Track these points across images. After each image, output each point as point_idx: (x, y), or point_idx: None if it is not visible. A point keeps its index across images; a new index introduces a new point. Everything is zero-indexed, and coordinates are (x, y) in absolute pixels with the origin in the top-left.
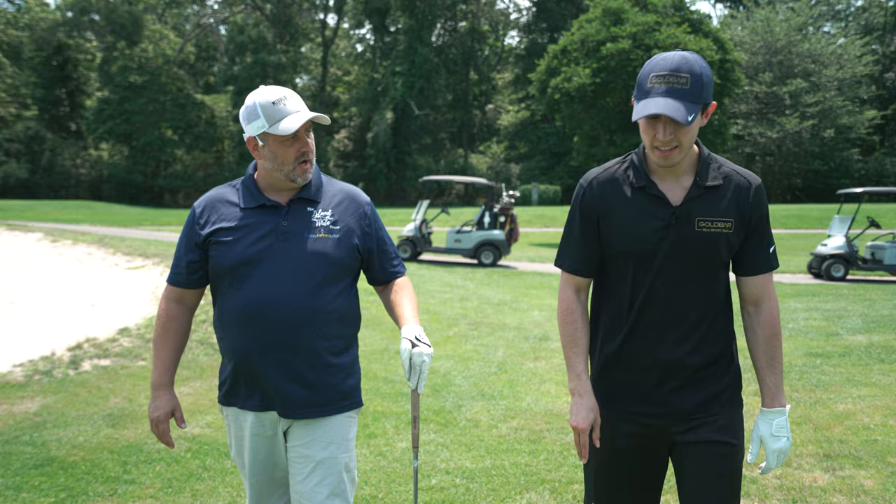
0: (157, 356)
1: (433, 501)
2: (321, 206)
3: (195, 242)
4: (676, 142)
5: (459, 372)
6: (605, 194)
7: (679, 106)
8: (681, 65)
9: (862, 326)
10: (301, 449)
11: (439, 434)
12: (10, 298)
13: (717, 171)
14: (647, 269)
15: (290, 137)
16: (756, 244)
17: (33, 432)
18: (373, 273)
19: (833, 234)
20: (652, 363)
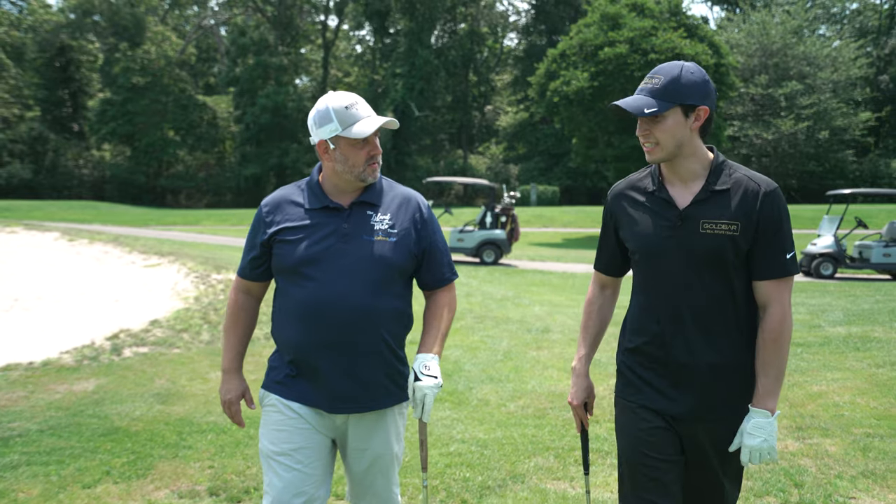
0: (227, 343)
1: (452, 464)
2: (381, 210)
3: (260, 241)
4: (654, 139)
5: (468, 360)
6: (621, 202)
7: (640, 100)
8: (660, 68)
9: (843, 319)
10: (358, 442)
11: (454, 411)
12: (36, 294)
13: (729, 176)
14: (656, 269)
15: (362, 140)
16: (766, 248)
17: (95, 407)
18: (422, 276)
19: (822, 234)
20: (664, 362)
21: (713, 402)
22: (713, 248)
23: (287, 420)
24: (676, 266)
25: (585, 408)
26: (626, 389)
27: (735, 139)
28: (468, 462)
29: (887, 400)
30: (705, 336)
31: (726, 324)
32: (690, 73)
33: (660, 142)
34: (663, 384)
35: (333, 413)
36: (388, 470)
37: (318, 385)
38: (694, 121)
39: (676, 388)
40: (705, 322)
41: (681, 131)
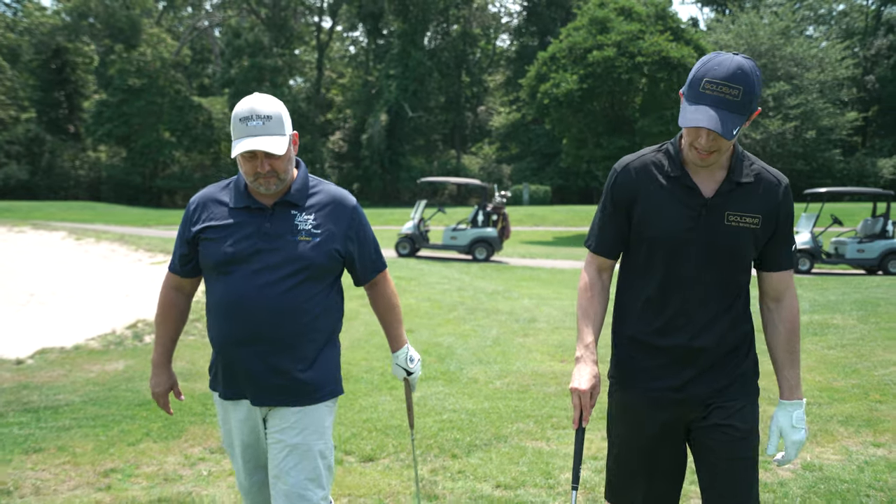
0: (157, 338)
1: (444, 428)
2: (305, 210)
3: (186, 238)
4: (716, 147)
5: (460, 345)
6: (639, 180)
7: (726, 120)
8: (735, 75)
9: (808, 309)
10: (277, 434)
11: (446, 387)
12: (50, 290)
13: (749, 168)
14: (674, 257)
15: (249, 154)
16: (781, 241)
17: (126, 383)
18: (354, 273)
19: (800, 231)
20: (674, 349)
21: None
22: (735, 241)
23: (227, 416)
24: (694, 256)
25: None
26: (630, 381)
27: None
28: (458, 426)
29: (831, 375)
30: (712, 323)
31: (734, 310)
32: (758, 77)
33: (720, 149)
34: (669, 372)
35: (257, 405)
36: (304, 463)
37: (241, 380)
38: (747, 122)
39: (682, 375)
40: (713, 312)
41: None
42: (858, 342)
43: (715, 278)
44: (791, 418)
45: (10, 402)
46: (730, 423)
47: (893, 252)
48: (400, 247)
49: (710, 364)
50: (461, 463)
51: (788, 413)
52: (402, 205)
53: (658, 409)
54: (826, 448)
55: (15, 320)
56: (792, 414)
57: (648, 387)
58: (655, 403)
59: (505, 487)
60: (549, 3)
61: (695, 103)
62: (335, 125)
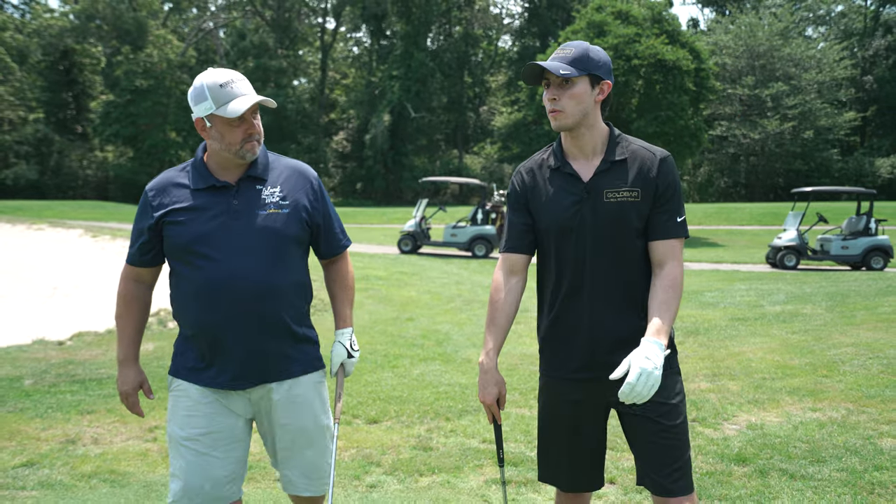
0: (121, 333)
1: (440, 398)
2: (269, 184)
3: (148, 225)
4: (561, 105)
5: (456, 332)
6: (529, 180)
7: (556, 63)
8: (570, 43)
9: (782, 300)
10: (281, 418)
11: (442, 366)
12: (73, 283)
13: (626, 147)
14: (568, 241)
15: (237, 119)
16: (662, 212)
17: (158, 361)
18: (319, 247)
19: (787, 229)
20: (581, 331)
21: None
22: (618, 216)
23: (195, 405)
24: (586, 237)
25: (498, 403)
26: (546, 367)
27: (723, 139)
28: (451, 397)
29: (789, 355)
30: (610, 302)
31: (638, 288)
32: (598, 50)
33: (565, 108)
34: (576, 351)
35: (240, 389)
36: (317, 441)
37: (224, 364)
38: (598, 93)
39: (586, 353)
40: (609, 289)
41: (586, 100)
42: (820, 328)
43: (610, 258)
44: (642, 349)
45: (61, 375)
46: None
47: (876, 248)
48: (402, 244)
49: (619, 343)
50: (453, 424)
51: (642, 346)
52: (404, 204)
53: (571, 391)
54: (770, 412)
55: (44, 310)
56: (645, 346)
57: (562, 369)
58: (568, 385)
59: (489, 442)
60: (550, 5)
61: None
62: (339, 125)
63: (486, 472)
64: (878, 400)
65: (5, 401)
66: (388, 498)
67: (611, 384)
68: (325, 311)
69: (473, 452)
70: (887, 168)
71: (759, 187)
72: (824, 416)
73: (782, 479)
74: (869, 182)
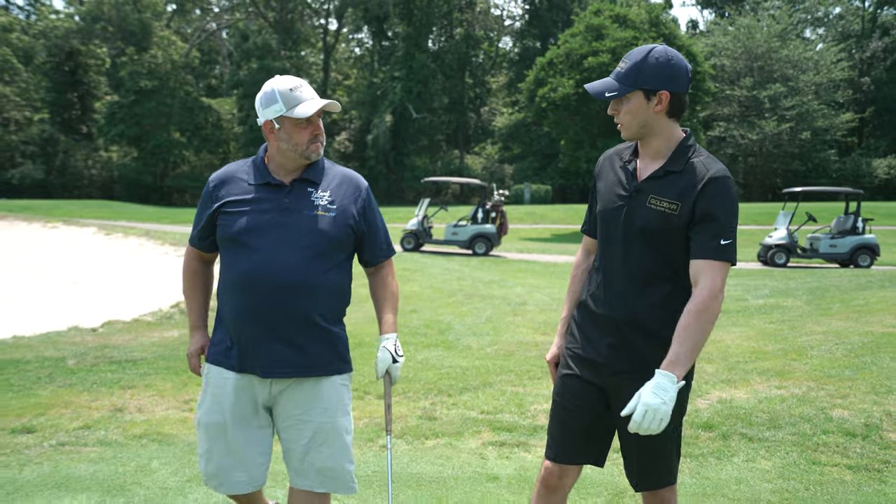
0: (190, 304)
1: (442, 378)
2: (321, 187)
3: (207, 214)
4: (619, 119)
5: (458, 322)
6: (603, 166)
7: (605, 84)
8: (629, 53)
9: (766, 294)
10: (301, 415)
11: (445, 352)
12: (91, 278)
13: (687, 159)
14: (608, 233)
15: (305, 121)
16: (702, 231)
17: (184, 347)
18: (363, 254)
19: (777, 228)
20: (599, 316)
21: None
22: (655, 223)
23: (222, 392)
24: (620, 232)
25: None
26: (568, 338)
27: (721, 139)
28: (453, 377)
29: (764, 342)
30: (635, 302)
31: (658, 291)
32: (656, 58)
33: (623, 122)
34: (596, 335)
35: (269, 377)
36: (334, 441)
37: (255, 351)
38: (657, 104)
39: (604, 340)
40: (635, 290)
41: (643, 113)
42: (796, 318)
43: (637, 256)
44: (651, 384)
45: (99, 357)
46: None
47: (863, 247)
48: (405, 242)
49: (626, 336)
50: (454, 399)
51: (655, 379)
52: (406, 203)
53: (578, 364)
54: (740, 390)
55: (67, 302)
56: (655, 380)
57: (577, 345)
58: (578, 359)
59: (487, 413)
60: (551, 7)
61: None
62: (341, 126)
63: (484, 436)
64: (837, 379)
65: (54, 377)
66: (399, 455)
67: (619, 372)
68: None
69: (472, 421)
70: (884, 168)
71: (758, 187)
72: (787, 392)
73: (741, 441)
74: (866, 182)
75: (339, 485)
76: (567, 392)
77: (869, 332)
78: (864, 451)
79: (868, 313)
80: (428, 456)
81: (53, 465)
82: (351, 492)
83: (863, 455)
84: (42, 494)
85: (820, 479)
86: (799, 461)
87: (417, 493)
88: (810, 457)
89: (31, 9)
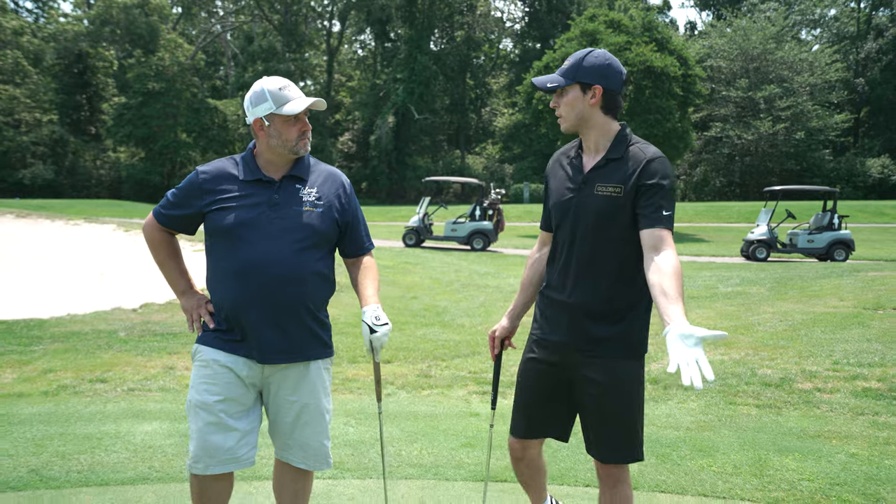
0: (171, 273)
1: (437, 349)
2: (308, 184)
3: (198, 204)
4: (560, 111)
5: (453, 306)
6: (552, 166)
7: (548, 77)
8: (573, 55)
9: (735, 283)
10: (289, 396)
11: (440, 329)
12: (116, 270)
13: (626, 147)
14: (562, 223)
15: (294, 118)
16: (647, 205)
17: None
18: (344, 246)
19: (759, 224)
20: (559, 302)
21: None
22: (601, 207)
23: (213, 374)
24: (573, 221)
25: (503, 344)
26: (532, 324)
27: (718, 139)
28: (447, 347)
29: (720, 320)
30: (590, 284)
31: (609, 277)
32: (594, 57)
33: (562, 113)
34: (555, 320)
35: (264, 363)
36: (317, 421)
37: (249, 337)
38: (591, 97)
39: (562, 324)
40: (590, 273)
41: (579, 105)
42: (754, 302)
43: (593, 243)
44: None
45: (144, 330)
46: (595, 376)
47: (838, 242)
48: (406, 238)
49: (583, 319)
50: (447, 363)
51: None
52: (408, 202)
53: (539, 348)
54: None
55: (100, 289)
56: (676, 335)
57: (540, 329)
58: (539, 343)
59: (473, 373)
60: (550, 9)
61: None
62: (344, 126)
63: (469, 388)
64: (772, 347)
65: (111, 345)
66: (400, 401)
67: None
68: None
69: (462, 378)
70: (878, 168)
71: (754, 186)
72: (728, 357)
73: (678, 391)
74: (860, 181)
75: (318, 461)
76: (530, 373)
77: (811, 311)
78: (774, 396)
79: (817, 297)
80: (424, 401)
81: (128, 403)
82: (327, 467)
83: (771, 398)
84: (126, 421)
85: (732, 414)
86: (719, 402)
87: (416, 423)
88: (730, 400)
89: (39, 12)
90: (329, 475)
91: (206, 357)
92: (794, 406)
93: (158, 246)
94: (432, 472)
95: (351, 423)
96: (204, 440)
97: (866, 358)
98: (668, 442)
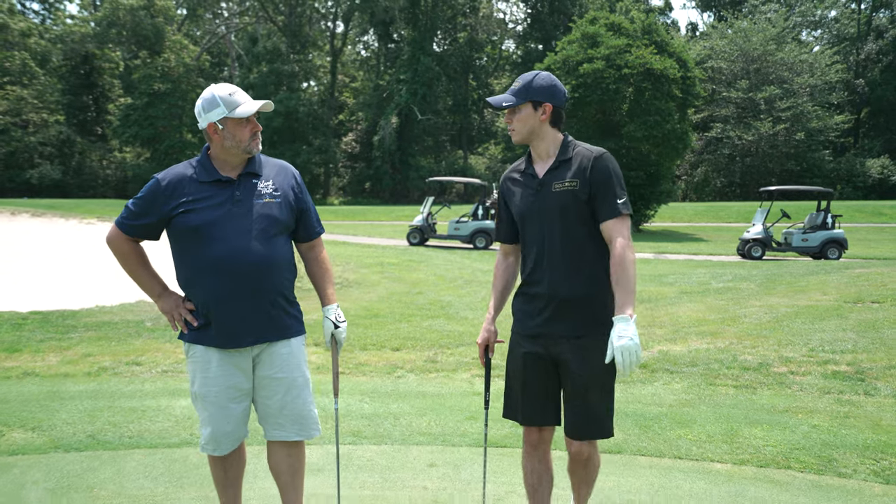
0: (143, 279)
1: (443, 338)
2: (263, 178)
3: (162, 210)
4: (512, 126)
5: (457, 301)
6: (506, 182)
7: (502, 97)
8: (522, 76)
9: (728, 279)
10: (275, 371)
11: (445, 321)
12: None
13: (572, 150)
14: (529, 226)
15: (245, 120)
16: (601, 199)
17: None
18: (299, 231)
19: (755, 223)
20: (536, 295)
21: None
22: (562, 201)
23: (210, 367)
24: (539, 221)
25: (487, 349)
26: (514, 325)
27: (718, 140)
28: (452, 337)
29: (709, 313)
30: (562, 273)
31: (578, 264)
32: (542, 78)
33: (515, 128)
34: (535, 313)
35: (250, 346)
36: (303, 390)
37: (233, 327)
38: (542, 114)
39: (542, 315)
40: (561, 263)
41: (531, 120)
42: (743, 297)
43: (559, 236)
44: (614, 331)
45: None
46: (575, 358)
47: (832, 241)
48: (411, 237)
49: (561, 307)
50: (452, 350)
51: (615, 326)
52: (411, 202)
53: (526, 342)
54: (678, 345)
55: (124, 283)
56: (615, 326)
57: (522, 324)
58: (524, 337)
59: (476, 359)
60: (552, 11)
61: None
62: (348, 127)
63: (473, 371)
64: (756, 336)
65: (140, 333)
66: (409, 383)
67: (560, 340)
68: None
69: (466, 364)
70: (877, 168)
71: (754, 187)
72: (713, 346)
73: (664, 374)
74: (860, 182)
75: (310, 428)
76: (520, 365)
77: (795, 304)
78: (752, 378)
79: (803, 292)
80: (431, 382)
81: (164, 383)
82: (317, 433)
83: (749, 380)
84: (164, 397)
85: (711, 393)
86: (701, 384)
87: (424, 401)
88: (710, 381)
89: (46, 13)
90: (350, 441)
91: (199, 354)
92: (769, 387)
93: (127, 255)
94: (440, 440)
95: (366, 399)
96: (212, 427)
97: (840, 346)
98: (651, 416)
